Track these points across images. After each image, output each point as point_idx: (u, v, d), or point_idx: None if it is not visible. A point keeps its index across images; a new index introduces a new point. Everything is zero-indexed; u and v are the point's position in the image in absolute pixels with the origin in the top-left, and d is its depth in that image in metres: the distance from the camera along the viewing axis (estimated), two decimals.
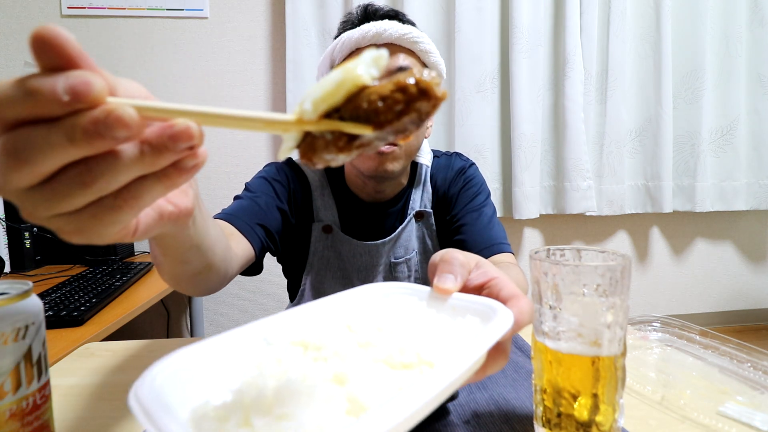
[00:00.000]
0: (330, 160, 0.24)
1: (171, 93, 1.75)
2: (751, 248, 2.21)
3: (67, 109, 0.19)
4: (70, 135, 0.19)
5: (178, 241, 0.40)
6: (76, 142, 0.19)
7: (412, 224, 0.84)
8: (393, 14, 0.74)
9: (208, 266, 0.51)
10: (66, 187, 0.21)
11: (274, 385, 0.26)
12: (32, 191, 0.21)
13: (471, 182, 0.84)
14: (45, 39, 0.18)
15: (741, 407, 0.45)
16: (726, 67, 2.00)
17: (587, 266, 0.36)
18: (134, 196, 0.22)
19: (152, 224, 0.30)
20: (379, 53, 0.23)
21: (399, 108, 0.22)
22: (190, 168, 0.23)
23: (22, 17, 1.66)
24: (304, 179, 0.82)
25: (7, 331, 0.30)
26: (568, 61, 1.84)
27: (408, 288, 0.39)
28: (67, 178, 0.21)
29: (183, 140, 0.21)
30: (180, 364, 0.26)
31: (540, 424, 0.39)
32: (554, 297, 0.37)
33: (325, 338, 0.31)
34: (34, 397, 0.32)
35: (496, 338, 0.28)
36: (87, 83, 0.19)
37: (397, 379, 0.27)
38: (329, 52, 0.74)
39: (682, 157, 2.02)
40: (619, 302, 0.36)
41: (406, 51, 0.72)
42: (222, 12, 1.75)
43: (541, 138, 1.89)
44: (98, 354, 0.63)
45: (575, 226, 2.07)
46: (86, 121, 0.19)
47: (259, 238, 0.71)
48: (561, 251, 0.40)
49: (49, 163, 0.20)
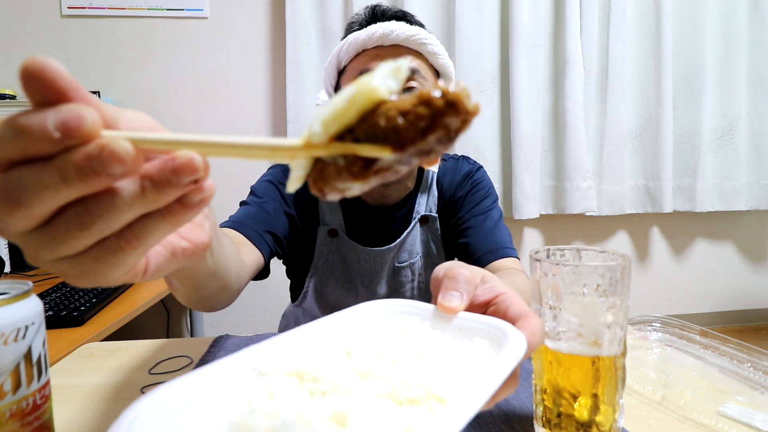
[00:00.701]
0: (344, 189, 0.20)
1: (171, 93, 1.75)
2: (751, 248, 2.21)
3: (58, 147, 0.17)
4: (64, 173, 0.18)
5: (196, 273, 0.39)
6: (69, 180, 0.18)
7: (416, 228, 0.83)
8: (401, 15, 0.73)
9: (223, 288, 0.50)
10: (65, 229, 0.19)
11: (266, 426, 0.24)
12: (32, 234, 0.20)
13: (478, 185, 0.83)
14: (33, 72, 0.17)
15: (741, 407, 0.44)
16: (726, 66, 2.00)
17: (587, 266, 0.36)
18: (138, 236, 0.21)
19: (164, 263, 0.27)
20: (398, 64, 0.20)
21: (423, 125, 0.18)
22: (196, 203, 0.21)
23: (22, 18, 1.66)
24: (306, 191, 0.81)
25: (7, 331, 0.30)
26: (568, 61, 1.84)
27: (410, 306, 0.37)
28: (66, 219, 0.19)
29: (186, 174, 0.19)
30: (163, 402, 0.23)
31: (540, 424, 0.39)
32: (554, 297, 0.37)
33: (323, 368, 0.29)
34: (34, 397, 0.32)
35: (511, 368, 0.25)
36: (78, 117, 0.17)
37: (403, 417, 0.25)
38: (335, 53, 0.73)
39: (682, 157, 2.02)
40: (619, 302, 0.36)
41: (414, 53, 0.70)
42: (222, 12, 1.75)
43: (541, 138, 1.89)
44: (98, 354, 0.63)
45: (575, 226, 2.07)
46: (78, 157, 0.17)
47: (268, 245, 0.71)
48: (561, 251, 0.40)
49: (45, 204, 0.18)
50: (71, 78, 0.18)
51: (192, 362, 0.59)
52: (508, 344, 0.28)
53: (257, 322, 1.89)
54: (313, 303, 0.85)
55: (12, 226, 0.19)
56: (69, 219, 0.19)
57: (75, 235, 0.19)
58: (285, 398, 0.26)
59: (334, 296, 0.83)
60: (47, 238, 0.20)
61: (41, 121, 0.17)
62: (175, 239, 0.29)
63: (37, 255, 0.21)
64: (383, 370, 0.28)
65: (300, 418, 0.25)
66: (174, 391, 0.24)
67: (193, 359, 0.60)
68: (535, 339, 0.31)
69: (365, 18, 0.73)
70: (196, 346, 0.65)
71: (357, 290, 0.82)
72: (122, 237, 0.21)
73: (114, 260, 0.21)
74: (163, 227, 0.21)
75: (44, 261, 0.21)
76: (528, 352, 0.29)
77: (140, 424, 0.21)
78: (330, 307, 0.83)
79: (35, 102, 0.18)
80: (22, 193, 0.18)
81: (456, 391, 0.26)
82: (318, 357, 0.30)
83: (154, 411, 0.23)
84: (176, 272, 0.38)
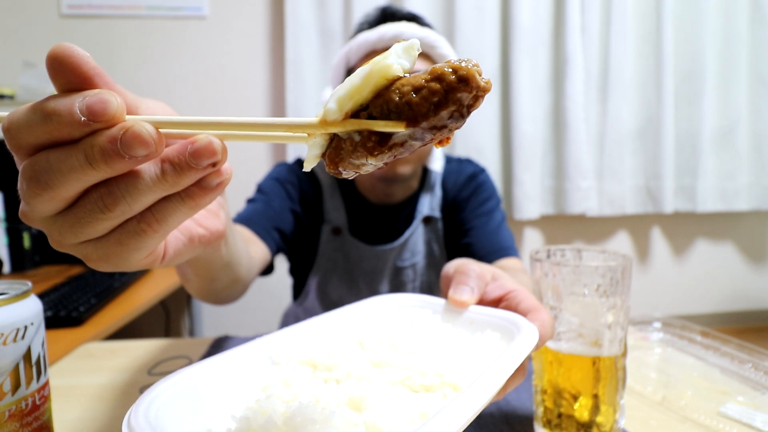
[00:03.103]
0: (359, 165, 0.21)
1: (171, 93, 1.74)
2: (752, 248, 2.21)
3: (85, 130, 0.18)
4: (89, 156, 0.18)
5: (210, 262, 0.40)
6: (95, 162, 0.19)
7: (420, 229, 0.84)
8: (411, 17, 0.74)
9: (235, 281, 0.52)
10: (89, 211, 0.20)
11: (283, 410, 0.24)
12: (57, 218, 0.21)
13: (481, 187, 0.84)
14: (60, 58, 0.18)
15: (742, 408, 0.44)
16: (727, 66, 1.99)
17: (588, 266, 0.36)
18: (158, 219, 0.22)
19: (182, 249, 0.29)
20: (411, 42, 0.20)
21: (436, 99, 0.19)
22: (214, 187, 0.22)
23: (22, 17, 1.66)
24: (315, 180, 0.82)
25: (7, 331, 0.30)
26: (568, 60, 1.84)
27: (420, 300, 0.38)
28: (89, 202, 0.20)
29: (205, 157, 0.20)
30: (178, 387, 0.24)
31: (540, 424, 0.39)
32: (555, 297, 0.37)
33: (336, 357, 0.29)
34: (33, 397, 0.32)
35: (524, 356, 0.26)
36: (104, 101, 0.18)
37: (418, 403, 0.25)
38: (345, 52, 0.74)
39: (682, 157, 2.02)
40: (620, 302, 0.36)
41: (422, 55, 0.71)
42: (221, 12, 1.75)
43: (542, 138, 1.89)
44: (98, 354, 0.63)
45: (576, 226, 2.07)
46: (104, 140, 0.18)
47: (274, 241, 0.72)
48: (561, 251, 0.40)
49: (70, 186, 0.19)
50: (96, 64, 0.19)
51: (192, 362, 0.59)
52: (521, 334, 0.29)
53: (257, 322, 1.89)
54: (315, 301, 0.85)
55: (38, 209, 0.20)
56: (93, 201, 0.20)
57: (98, 217, 0.21)
58: (300, 385, 0.27)
59: (336, 294, 0.84)
60: (72, 221, 0.21)
61: (68, 105, 0.18)
62: (192, 226, 0.30)
63: (62, 239, 0.22)
64: (396, 360, 0.29)
65: (316, 403, 0.25)
66: (190, 376, 0.25)
67: (192, 360, 0.60)
68: (546, 331, 0.32)
69: (376, 19, 0.74)
70: (196, 346, 0.65)
71: (359, 288, 0.83)
72: (143, 220, 0.22)
73: (135, 243, 0.22)
74: (182, 210, 0.22)
75: (68, 245, 0.22)
76: (540, 343, 0.30)
77: (157, 407, 0.22)
78: (332, 305, 0.83)
79: (61, 87, 0.19)
80: (50, 175, 0.19)
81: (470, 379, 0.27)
82: (330, 347, 0.31)
83: (170, 395, 0.23)
84: (192, 262, 0.39)
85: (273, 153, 1.81)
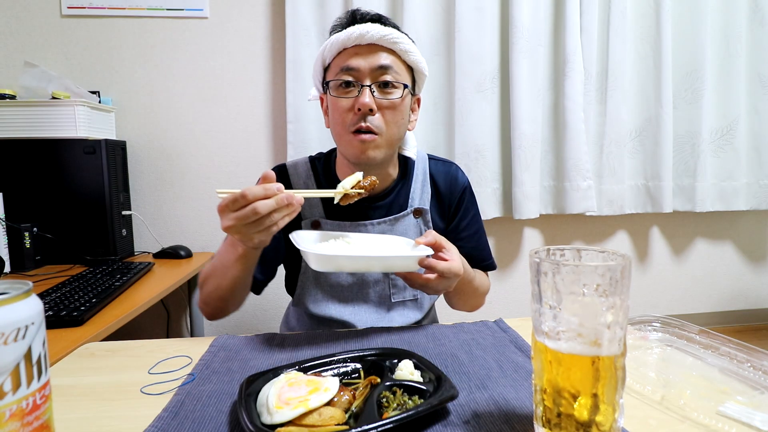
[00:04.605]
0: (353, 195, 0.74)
1: (171, 93, 1.75)
2: (751, 248, 2.21)
3: (284, 203, 0.61)
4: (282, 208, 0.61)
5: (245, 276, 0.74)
6: (282, 209, 0.61)
7: (410, 219, 0.87)
8: (377, 18, 0.80)
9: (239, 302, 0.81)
10: (260, 222, 0.60)
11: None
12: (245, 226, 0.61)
13: (472, 199, 0.94)
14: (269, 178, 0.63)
15: (741, 407, 0.45)
16: (726, 66, 1.99)
17: (587, 266, 0.36)
18: (277, 223, 0.61)
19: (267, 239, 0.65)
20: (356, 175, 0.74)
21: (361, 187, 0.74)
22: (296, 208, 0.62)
23: (22, 17, 1.66)
24: (289, 185, 0.87)
25: (7, 331, 0.30)
26: (568, 61, 1.84)
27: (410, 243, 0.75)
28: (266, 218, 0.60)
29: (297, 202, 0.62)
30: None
31: (540, 424, 0.39)
32: (554, 297, 0.37)
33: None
34: (34, 397, 0.32)
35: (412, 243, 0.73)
36: (291, 197, 0.61)
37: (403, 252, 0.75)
38: (321, 52, 0.81)
39: (682, 157, 2.02)
40: (619, 302, 0.36)
41: (388, 50, 0.78)
42: (222, 12, 1.75)
43: (541, 138, 1.89)
44: (98, 354, 0.63)
45: (575, 226, 2.07)
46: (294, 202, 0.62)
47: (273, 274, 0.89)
48: (561, 251, 0.40)
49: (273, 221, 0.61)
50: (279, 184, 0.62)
51: (192, 362, 0.59)
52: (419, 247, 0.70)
53: (257, 322, 1.89)
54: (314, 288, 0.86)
55: (256, 237, 0.63)
56: (264, 219, 0.60)
57: (264, 222, 0.61)
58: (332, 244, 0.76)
59: (331, 282, 0.86)
60: (251, 227, 0.61)
61: (283, 198, 0.61)
62: None
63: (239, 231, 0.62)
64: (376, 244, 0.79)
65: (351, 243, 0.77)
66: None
67: (193, 359, 0.60)
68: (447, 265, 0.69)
69: (346, 20, 0.81)
70: (196, 346, 0.65)
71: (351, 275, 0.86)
72: (273, 223, 0.61)
73: (269, 232, 0.62)
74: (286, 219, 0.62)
75: (242, 233, 0.62)
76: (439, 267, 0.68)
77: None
78: (330, 286, 0.85)
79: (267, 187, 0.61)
80: (269, 221, 0.61)
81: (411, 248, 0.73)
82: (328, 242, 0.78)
83: None
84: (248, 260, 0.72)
85: (273, 153, 1.82)
